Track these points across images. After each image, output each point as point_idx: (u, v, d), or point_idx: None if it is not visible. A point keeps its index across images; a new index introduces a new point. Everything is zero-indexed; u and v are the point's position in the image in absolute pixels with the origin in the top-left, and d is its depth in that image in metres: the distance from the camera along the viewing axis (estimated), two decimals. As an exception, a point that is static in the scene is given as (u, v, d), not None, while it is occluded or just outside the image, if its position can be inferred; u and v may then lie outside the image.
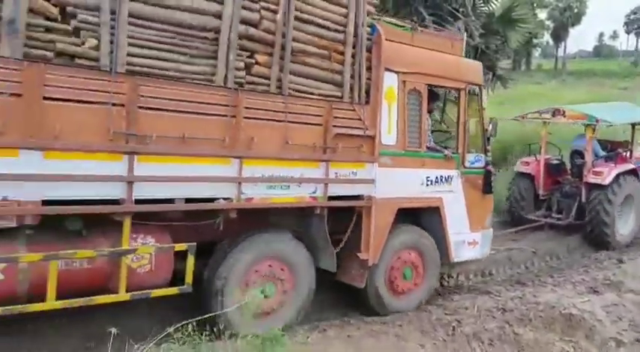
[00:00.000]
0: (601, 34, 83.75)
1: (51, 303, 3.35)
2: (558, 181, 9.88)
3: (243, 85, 4.11)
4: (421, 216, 5.67)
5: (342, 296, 5.44)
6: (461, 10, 9.94)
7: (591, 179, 8.77)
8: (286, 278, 4.55)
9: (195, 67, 3.87)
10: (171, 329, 3.20)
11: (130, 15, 3.48)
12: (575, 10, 50.14)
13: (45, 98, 3.19)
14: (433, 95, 5.94)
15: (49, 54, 3.27)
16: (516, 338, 4.90)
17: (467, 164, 5.94)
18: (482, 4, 11.13)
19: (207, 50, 3.90)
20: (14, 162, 3.13)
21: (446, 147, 5.85)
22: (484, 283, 7.04)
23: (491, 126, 6.26)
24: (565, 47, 60.77)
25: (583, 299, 5.99)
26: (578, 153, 9.66)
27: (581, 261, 8.17)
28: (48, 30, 3.25)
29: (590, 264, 7.89)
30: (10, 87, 3.08)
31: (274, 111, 4.23)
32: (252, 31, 4.10)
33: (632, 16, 55.41)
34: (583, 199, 8.95)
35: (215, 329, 3.93)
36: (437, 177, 5.61)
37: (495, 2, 11.38)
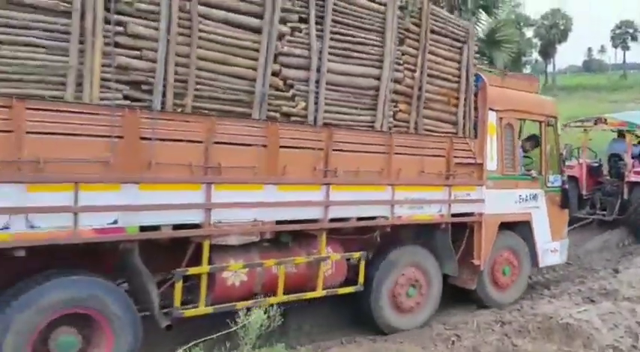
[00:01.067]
0: (589, 49, 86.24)
1: (280, 298, 4.64)
2: (599, 182, 11.14)
3: (392, 129, 5.42)
4: (515, 229, 6.88)
5: (343, 316, 5.83)
6: None
7: (633, 178, 10.05)
8: (422, 282, 5.80)
9: (363, 117, 5.21)
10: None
11: (327, 83, 4.84)
12: (562, 27, 51.40)
13: (280, 146, 4.52)
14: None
15: (277, 115, 4.61)
16: (515, 349, 5.09)
17: (548, 184, 7.18)
18: None
19: (370, 104, 5.24)
20: (260, 193, 4.45)
21: (530, 170, 7.09)
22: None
23: (565, 150, 7.51)
24: (554, 63, 62.62)
25: (580, 309, 6.17)
26: (616, 156, 10.94)
27: (577, 272, 8.61)
28: (276, 97, 4.60)
29: (587, 275, 8.29)
30: (259, 140, 4.41)
31: (414, 147, 5.54)
32: (397, 86, 5.43)
33: (617, 31, 56.93)
34: (625, 196, 10.18)
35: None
36: (527, 196, 6.86)
37: (480, 24, 12.09)
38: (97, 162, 3.63)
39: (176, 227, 4.07)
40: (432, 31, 5.66)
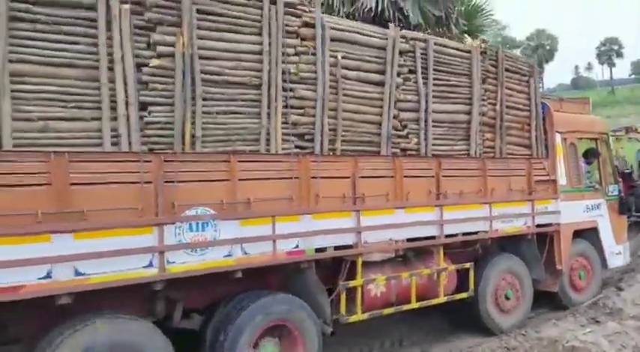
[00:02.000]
0: (576, 67, 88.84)
1: (413, 305, 5.61)
2: (632, 186, 12.07)
3: (482, 155, 6.46)
4: (584, 236, 7.82)
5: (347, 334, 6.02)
6: None
7: None
8: (517, 286, 6.75)
9: (459, 147, 6.27)
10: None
11: (433, 120, 5.91)
12: (548, 47, 52.82)
13: (404, 176, 5.56)
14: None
15: (397, 150, 5.66)
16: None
17: (608, 193, 8.15)
18: None
19: (464, 135, 6.31)
20: (392, 217, 5.46)
21: (592, 182, 8.07)
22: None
23: (617, 162, 8.51)
24: (543, 83, 64.33)
25: (585, 330, 6.29)
26: None
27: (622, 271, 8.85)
28: (396, 136, 5.67)
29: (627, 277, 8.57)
30: (389, 172, 5.44)
31: (502, 169, 6.57)
32: (483, 119, 6.50)
33: (602, 48, 58.82)
34: None
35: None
36: (592, 205, 7.85)
37: None
38: (284, 199, 4.67)
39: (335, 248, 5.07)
40: (507, 70, 6.77)
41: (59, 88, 3.75)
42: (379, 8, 7.66)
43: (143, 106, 4.09)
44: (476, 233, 6.29)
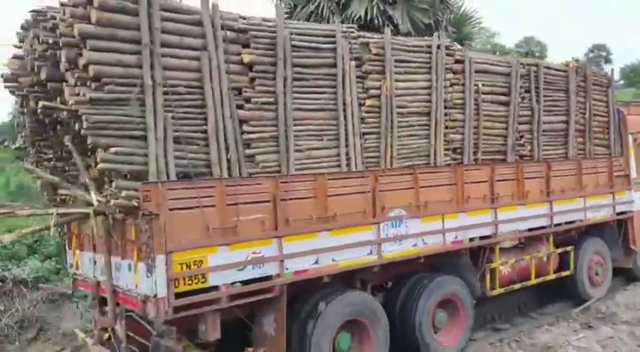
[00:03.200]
0: None
1: (533, 281, 7.15)
2: None
3: (576, 157, 7.91)
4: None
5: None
6: None
7: None
8: (603, 264, 8.28)
9: (560, 151, 7.75)
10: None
11: (542, 130, 7.37)
12: (537, 54, 53.32)
13: (525, 178, 7.01)
14: None
15: (517, 157, 7.12)
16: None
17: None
18: None
19: (563, 141, 7.77)
20: (517, 211, 6.93)
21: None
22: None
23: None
24: None
25: (578, 336, 6.45)
26: None
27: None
28: (518, 145, 7.12)
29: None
30: (514, 175, 6.91)
31: (592, 167, 8.06)
32: (577, 126, 7.94)
33: (590, 55, 60.09)
34: None
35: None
36: (657, 194, 9.34)
37: None
38: (447, 201, 6.15)
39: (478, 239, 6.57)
40: (594, 84, 8.20)
41: (315, 127, 5.20)
42: (369, 16, 8.50)
43: (361, 136, 5.55)
44: (574, 222, 7.79)
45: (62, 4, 4.19)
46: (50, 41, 4.31)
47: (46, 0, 4.80)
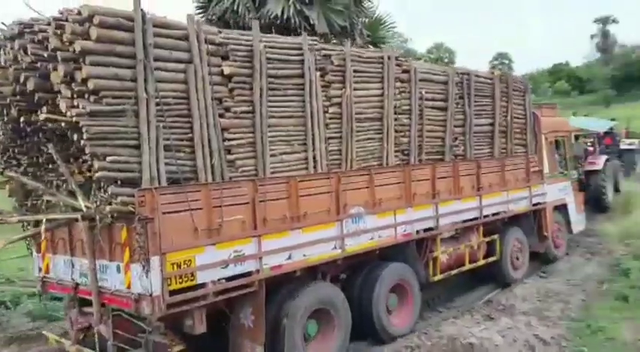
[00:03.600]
0: None
1: (467, 267, 8.10)
2: None
3: (500, 155, 8.96)
4: (558, 210, 10.69)
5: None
6: None
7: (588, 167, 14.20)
8: (522, 249, 9.47)
9: (486, 150, 8.72)
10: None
11: (472, 132, 8.30)
12: (446, 60, 56.27)
13: (460, 175, 7.91)
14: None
15: (453, 156, 8.01)
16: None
17: (573, 176, 11.09)
18: None
19: (489, 141, 8.76)
20: (453, 205, 7.81)
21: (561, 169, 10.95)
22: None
23: (576, 151, 11.45)
24: None
25: (480, 327, 6.90)
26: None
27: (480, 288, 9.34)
28: (453, 146, 8.00)
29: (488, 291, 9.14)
30: (451, 173, 7.79)
31: (513, 164, 9.16)
32: (500, 128, 8.99)
33: (494, 62, 66.41)
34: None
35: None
36: (564, 186, 10.73)
37: None
38: (397, 198, 6.86)
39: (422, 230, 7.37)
40: (514, 89, 9.29)
41: (286, 133, 5.68)
42: (285, 16, 8.69)
43: (326, 140, 6.10)
44: (499, 213, 8.84)
45: (57, 19, 4.34)
46: (40, 54, 4.45)
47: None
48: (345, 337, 6.21)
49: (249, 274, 5.25)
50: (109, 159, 4.35)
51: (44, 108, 4.64)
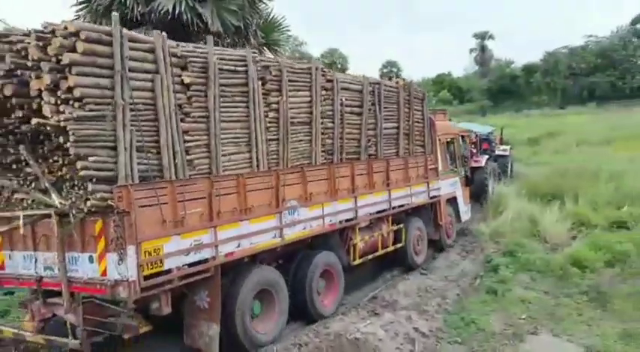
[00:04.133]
0: None
1: (380, 252, 9.39)
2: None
3: (403, 155, 10.37)
4: (449, 202, 12.41)
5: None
6: None
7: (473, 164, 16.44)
8: (422, 237, 10.99)
9: (391, 150, 10.07)
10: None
11: (383, 134, 9.60)
12: (339, 65, 58.34)
13: (374, 172, 9.15)
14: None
15: (367, 156, 9.24)
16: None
17: (461, 173, 12.92)
18: None
19: (394, 142, 10.13)
20: (368, 198, 9.04)
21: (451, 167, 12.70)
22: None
23: (464, 151, 13.33)
24: None
25: (365, 322, 7.20)
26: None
27: (368, 284, 9.90)
28: (367, 147, 9.22)
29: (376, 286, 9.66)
30: (366, 170, 9.00)
31: (414, 162, 10.61)
32: (403, 130, 10.39)
33: (384, 70, 70.70)
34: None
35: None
36: (453, 181, 12.51)
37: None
38: (324, 192, 7.90)
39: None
40: (414, 97, 10.75)
41: (234, 135, 6.46)
42: (177, 11, 8.75)
43: (266, 142, 6.96)
44: (403, 205, 10.22)
45: (38, 32, 4.80)
46: (21, 63, 4.88)
47: None
48: (284, 315, 7.13)
49: (206, 261, 5.99)
50: (90, 159, 4.91)
51: (20, 112, 5.05)
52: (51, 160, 5.34)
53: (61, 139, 4.86)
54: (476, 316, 7.88)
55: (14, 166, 5.61)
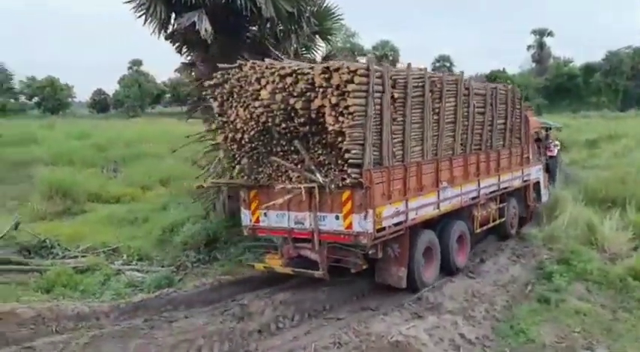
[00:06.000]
0: None
1: (490, 224, 12.08)
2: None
3: (509, 146, 12.93)
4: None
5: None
6: (284, 56, 10.42)
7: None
8: (517, 214, 13.68)
9: (499, 143, 12.65)
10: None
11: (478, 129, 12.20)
12: (391, 58, 58.58)
13: (480, 162, 11.79)
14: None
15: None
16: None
17: (542, 161, 15.47)
18: (304, 52, 13.02)
19: (502, 136, 12.72)
20: (488, 182, 11.69)
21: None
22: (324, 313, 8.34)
23: (546, 142, 15.82)
24: None
25: (408, 325, 7.09)
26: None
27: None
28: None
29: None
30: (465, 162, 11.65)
31: (515, 152, 13.15)
32: (506, 126, 12.94)
33: (436, 64, 70.56)
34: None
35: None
36: (539, 168, 15.11)
37: (317, 50, 13.49)
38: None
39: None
40: (516, 97, 13.23)
41: (415, 134, 9.17)
42: None
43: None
44: (507, 188, 12.84)
45: (324, 67, 7.55)
46: (308, 87, 7.66)
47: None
48: (438, 267, 9.98)
49: (400, 223, 8.77)
50: (352, 152, 7.69)
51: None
52: (312, 151, 8.16)
53: (339, 139, 7.65)
54: (526, 325, 7.80)
55: (287, 154, 8.47)
